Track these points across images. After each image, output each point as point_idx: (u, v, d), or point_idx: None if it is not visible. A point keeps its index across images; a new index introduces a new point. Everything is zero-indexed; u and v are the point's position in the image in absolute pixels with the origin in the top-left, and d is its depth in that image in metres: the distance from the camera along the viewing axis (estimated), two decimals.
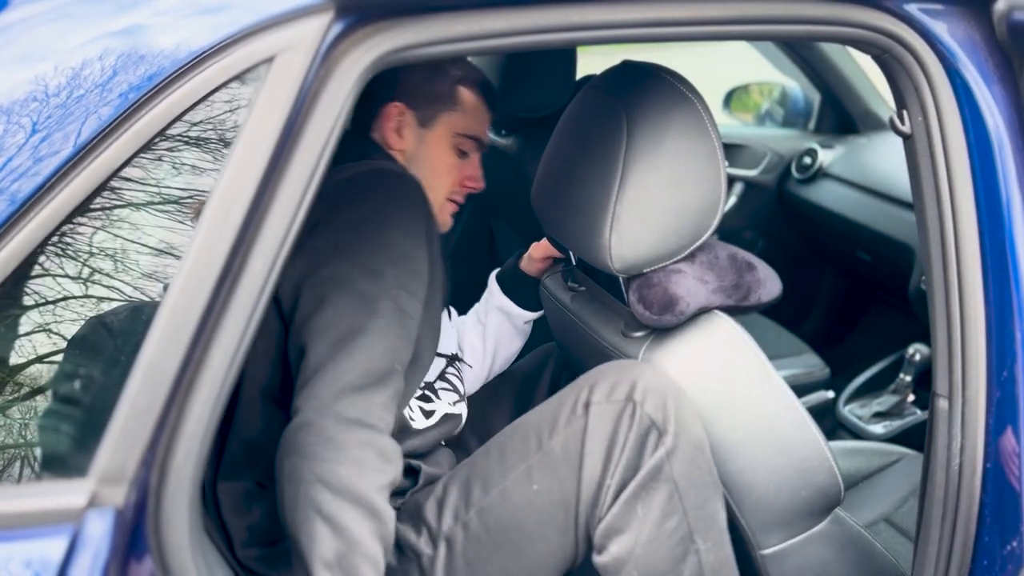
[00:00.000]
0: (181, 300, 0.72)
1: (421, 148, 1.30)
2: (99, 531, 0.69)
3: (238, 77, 0.72)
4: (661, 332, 1.15)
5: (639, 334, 1.16)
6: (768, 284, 1.21)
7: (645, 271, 1.12)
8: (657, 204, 1.07)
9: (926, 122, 1.01)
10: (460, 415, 1.33)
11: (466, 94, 1.31)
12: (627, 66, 1.15)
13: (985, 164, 1.01)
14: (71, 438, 0.72)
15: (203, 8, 0.77)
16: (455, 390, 1.34)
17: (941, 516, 1.08)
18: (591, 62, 1.93)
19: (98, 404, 0.72)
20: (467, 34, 0.84)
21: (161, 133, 0.71)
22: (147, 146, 0.70)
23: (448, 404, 1.30)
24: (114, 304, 0.73)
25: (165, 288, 0.72)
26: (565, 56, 1.92)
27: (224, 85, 0.71)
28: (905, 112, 1.03)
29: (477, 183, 1.34)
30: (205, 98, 0.71)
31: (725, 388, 1.14)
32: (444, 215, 1.33)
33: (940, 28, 1.00)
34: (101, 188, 0.70)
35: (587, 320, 1.26)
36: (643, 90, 1.08)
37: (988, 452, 1.04)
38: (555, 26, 0.88)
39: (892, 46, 1.01)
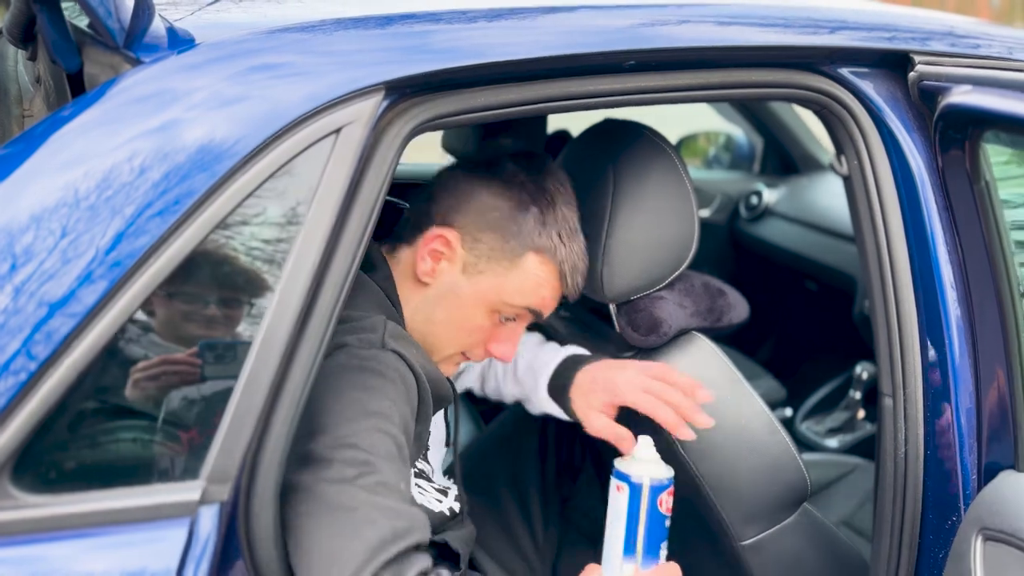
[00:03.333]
0: (271, 328, 0.87)
1: (449, 296, 1.14)
2: (210, 522, 0.83)
3: (315, 143, 0.88)
4: (646, 352, 1.32)
5: (627, 355, 1.33)
6: (737, 307, 1.40)
7: (632, 298, 1.29)
8: (641, 241, 1.24)
9: (860, 165, 1.21)
10: (451, 509, 1.23)
11: (535, 264, 1.14)
12: (609, 123, 1.34)
13: (911, 199, 1.20)
14: (187, 446, 0.86)
15: (254, 98, 0.92)
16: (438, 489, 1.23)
17: (891, 499, 1.25)
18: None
19: (205, 422, 0.87)
20: (487, 104, 1.02)
21: (254, 192, 0.86)
22: (244, 201, 0.86)
23: (433, 500, 1.19)
24: (219, 335, 0.88)
25: (259, 321, 0.87)
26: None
27: (304, 151, 0.88)
28: (842, 157, 1.23)
29: (506, 355, 1.18)
30: (290, 161, 0.87)
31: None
32: (448, 366, 1.20)
33: (868, 87, 1.20)
34: (210, 233, 0.85)
35: (579, 344, 1.42)
36: (626, 144, 1.27)
37: (928, 441, 1.22)
38: (556, 96, 1.06)
39: (830, 103, 1.21)
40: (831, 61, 1.19)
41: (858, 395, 2.35)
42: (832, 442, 2.31)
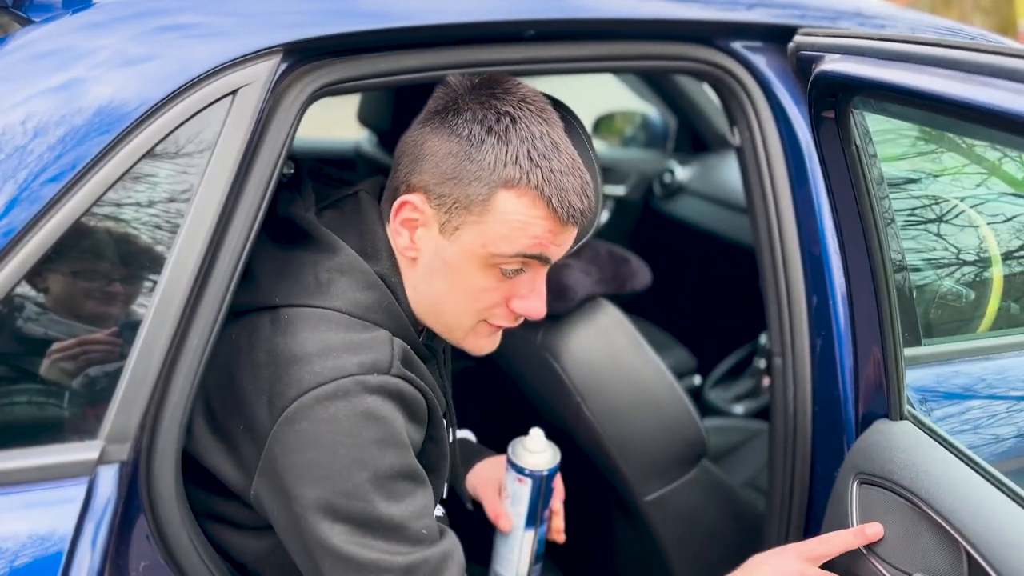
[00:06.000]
0: (167, 289, 0.87)
1: (437, 264, 1.02)
2: (109, 481, 0.83)
3: (210, 105, 0.89)
4: (555, 318, 1.36)
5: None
6: (640, 274, 1.45)
7: None
8: None
9: (752, 136, 1.27)
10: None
11: (510, 201, 0.97)
12: None
13: (799, 169, 1.27)
14: (84, 407, 0.86)
15: (149, 56, 0.92)
16: None
17: (783, 453, 1.32)
18: None
19: (102, 383, 0.87)
20: (387, 70, 1.03)
21: (150, 152, 0.86)
22: (140, 161, 0.86)
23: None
24: (115, 298, 0.88)
25: (155, 282, 0.87)
26: None
27: (200, 112, 0.88)
28: (735, 128, 1.29)
29: (532, 311, 1.04)
30: (184, 122, 0.87)
31: (609, 363, 1.36)
32: (475, 339, 1.07)
33: (760, 61, 1.26)
34: (104, 194, 0.85)
35: None
36: None
37: (815, 398, 1.30)
38: (455, 63, 1.08)
39: (723, 76, 1.26)
40: (725, 35, 1.24)
41: (762, 363, 2.45)
42: (738, 408, 2.41)
